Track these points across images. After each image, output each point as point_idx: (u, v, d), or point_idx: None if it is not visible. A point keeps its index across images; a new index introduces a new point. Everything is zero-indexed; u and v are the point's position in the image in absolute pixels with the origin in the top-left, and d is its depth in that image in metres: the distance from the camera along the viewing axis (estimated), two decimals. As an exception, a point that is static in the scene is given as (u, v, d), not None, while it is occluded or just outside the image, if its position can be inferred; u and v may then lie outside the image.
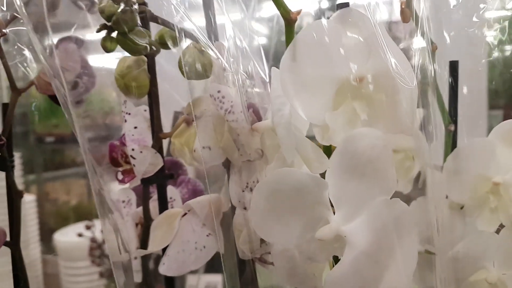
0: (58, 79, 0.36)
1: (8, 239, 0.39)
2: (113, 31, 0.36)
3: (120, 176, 0.42)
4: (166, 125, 0.43)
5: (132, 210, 0.43)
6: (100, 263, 1.10)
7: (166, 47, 0.40)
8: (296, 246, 0.29)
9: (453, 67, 0.39)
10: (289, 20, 0.31)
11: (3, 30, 0.38)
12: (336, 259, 0.30)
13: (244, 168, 0.36)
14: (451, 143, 0.39)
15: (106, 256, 1.10)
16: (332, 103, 0.29)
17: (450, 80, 0.40)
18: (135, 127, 0.41)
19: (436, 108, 0.38)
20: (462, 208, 0.38)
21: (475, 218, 0.37)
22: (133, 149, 0.40)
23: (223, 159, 0.38)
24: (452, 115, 0.40)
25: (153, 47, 0.37)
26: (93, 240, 1.07)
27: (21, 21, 0.37)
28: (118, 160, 0.41)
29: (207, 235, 0.40)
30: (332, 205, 0.27)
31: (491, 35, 0.40)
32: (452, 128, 0.39)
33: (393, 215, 0.26)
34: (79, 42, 0.42)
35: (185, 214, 0.41)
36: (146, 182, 0.42)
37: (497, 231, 0.36)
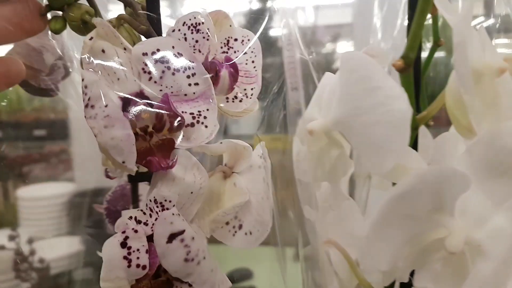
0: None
1: None
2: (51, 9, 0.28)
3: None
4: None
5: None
6: (27, 277, 0.96)
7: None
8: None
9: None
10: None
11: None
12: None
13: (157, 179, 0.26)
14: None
15: (34, 269, 0.97)
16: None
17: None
18: None
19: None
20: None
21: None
22: None
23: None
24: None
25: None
26: (17, 252, 0.93)
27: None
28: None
29: None
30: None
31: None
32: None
33: None
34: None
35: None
36: (133, 179, 0.40)
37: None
